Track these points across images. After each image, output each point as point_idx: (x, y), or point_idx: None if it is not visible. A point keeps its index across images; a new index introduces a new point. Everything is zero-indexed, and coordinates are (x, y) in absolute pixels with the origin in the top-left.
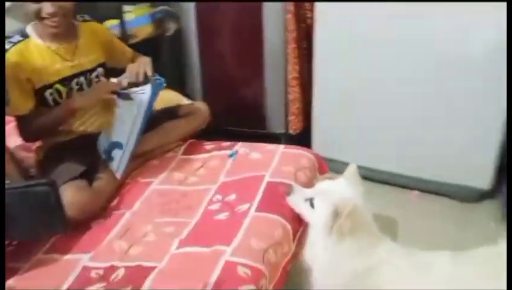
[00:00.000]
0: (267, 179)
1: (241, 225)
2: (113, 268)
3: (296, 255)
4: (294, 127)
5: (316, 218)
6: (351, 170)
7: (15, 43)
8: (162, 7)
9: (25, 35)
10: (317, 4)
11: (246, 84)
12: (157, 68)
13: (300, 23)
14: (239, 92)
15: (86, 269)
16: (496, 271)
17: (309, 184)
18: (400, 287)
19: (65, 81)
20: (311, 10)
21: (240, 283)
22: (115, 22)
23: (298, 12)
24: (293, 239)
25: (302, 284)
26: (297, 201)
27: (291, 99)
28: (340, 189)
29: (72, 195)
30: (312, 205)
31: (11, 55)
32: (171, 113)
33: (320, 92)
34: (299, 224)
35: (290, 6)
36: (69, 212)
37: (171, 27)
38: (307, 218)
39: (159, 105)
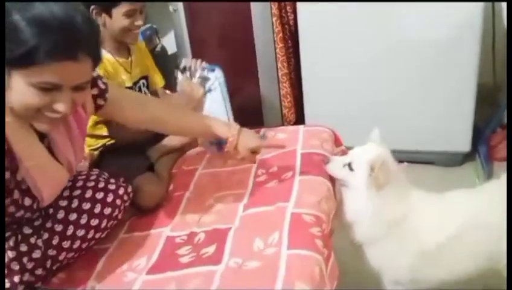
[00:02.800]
0: (299, 151)
1: (292, 185)
2: (193, 234)
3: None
4: (289, 119)
5: (356, 178)
6: (375, 134)
7: None
8: (148, 24)
9: None
10: (299, 7)
11: (242, 86)
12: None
13: (284, 24)
14: (236, 94)
15: (170, 238)
16: (503, 197)
17: (332, 153)
18: (433, 227)
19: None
20: (293, 12)
21: (308, 226)
22: None
23: (281, 15)
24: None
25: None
26: (336, 168)
27: (283, 94)
28: (371, 150)
29: (148, 187)
30: (351, 168)
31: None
32: None
33: (308, 85)
34: (333, 185)
35: (275, 10)
36: (145, 202)
37: (158, 43)
38: (348, 180)
39: None
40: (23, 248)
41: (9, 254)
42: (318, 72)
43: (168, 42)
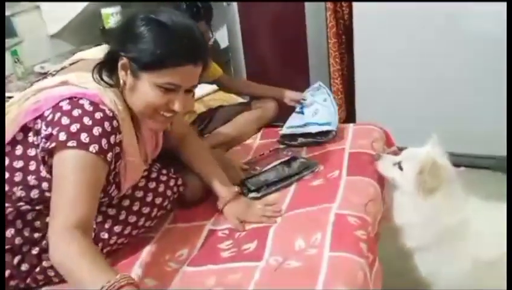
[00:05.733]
0: (348, 150)
1: (338, 186)
2: (235, 229)
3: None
4: (339, 117)
5: (405, 178)
6: (433, 139)
7: None
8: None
9: None
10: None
11: (292, 79)
12: None
13: (338, 19)
14: (285, 86)
15: (212, 232)
16: None
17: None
18: (493, 236)
19: None
20: (349, 7)
21: (353, 228)
22: None
23: (336, 9)
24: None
25: (394, 239)
26: (386, 166)
27: (334, 91)
28: (423, 152)
29: (192, 181)
30: (401, 168)
31: None
32: (244, 107)
33: (361, 82)
34: (382, 187)
35: (329, 4)
36: (188, 196)
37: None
38: (396, 180)
39: (216, 103)
40: None
41: None
42: (372, 69)
43: (221, 36)
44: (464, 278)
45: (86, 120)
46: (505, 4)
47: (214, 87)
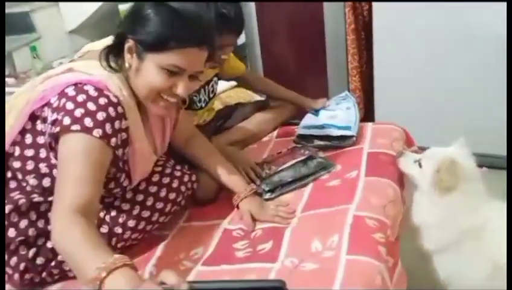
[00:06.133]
0: (366, 150)
1: (356, 187)
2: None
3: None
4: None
5: (423, 176)
6: (460, 140)
7: None
8: None
9: None
10: None
11: (309, 76)
12: None
13: (358, 15)
14: (302, 83)
15: (227, 231)
16: None
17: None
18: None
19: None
20: (369, 3)
21: (371, 231)
22: None
23: (356, 5)
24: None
25: (413, 241)
26: (407, 163)
27: (352, 89)
28: (447, 151)
29: (204, 178)
30: (420, 166)
31: None
32: (262, 106)
33: (381, 80)
34: (402, 188)
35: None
36: (200, 194)
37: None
38: (415, 178)
39: (233, 101)
40: None
41: None
42: (392, 67)
43: None
44: (484, 281)
45: (90, 105)
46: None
47: (232, 83)
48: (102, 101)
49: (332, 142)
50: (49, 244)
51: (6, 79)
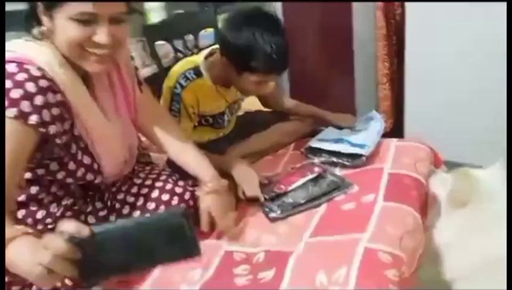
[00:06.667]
0: (387, 171)
1: (371, 213)
2: (253, 252)
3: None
4: (385, 125)
5: (447, 196)
6: (498, 163)
7: (191, 80)
8: None
9: (198, 74)
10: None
11: (336, 83)
12: None
13: (389, 19)
14: (329, 90)
15: (228, 253)
16: None
17: (428, 176)
18: None
19: (218, 114)
20: (401, 6)
21: (383, 267)
22: (209, 30)
23: (387, 8)
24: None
25: (435, 271)
26: (435, 183)
27: (381, 97)
28: (476, 171)
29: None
30: (446, 185)
31: (186, 93)
32: (280, 117)
33: (412, 89)
34: (424, 216)
35: (379, 2)
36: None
37: None
38: (440, 197)
39: (254, 108)
40: None
41: None
42: (425, 75)
43: None
44: None
45: (8, 83)
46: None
47: None
48: (20, 77)
49: (341, 160)
50: None
51: None
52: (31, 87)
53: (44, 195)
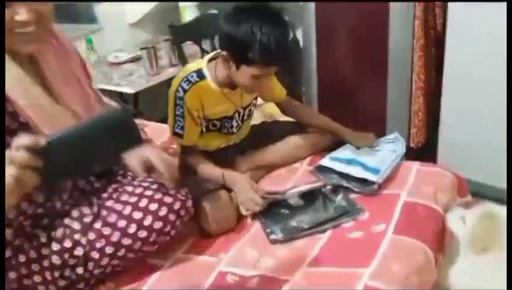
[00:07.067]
0: (403, 198)
1: (378, 246)
2: (248, 276)
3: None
4: (417, 141)
5: (464, 234)
6: None
7: (193, 83)
8: None
9: (201, 77)
10: (450, 10)
11: (367, 93)
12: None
13: (429, 30)
14: (359, 100)
15: (222, 274)
16: None
17: (449, 207)
18: None
19: (225, 118)
20: (443, 17)
21: None
22: None
23: (427, 18)
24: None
25: None
26: (452, 219)
27: (415, 111)
28: (500, 209)
29: (212, 211)
30: (464, 222)
31: (189, 96)
32: (298, 128)
33: (449, 104)
34: (439, 251)
35: (419, 12)
36: (206, 227)
37: None
38: (457, 235)
39: (275, 117)
40: (68, 243)
41: (53, 247)
42: (464, 91)
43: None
44: None
45: None
46: None
47: None
48: None
49: (351, 185)
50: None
51: None
52: None
53: None
